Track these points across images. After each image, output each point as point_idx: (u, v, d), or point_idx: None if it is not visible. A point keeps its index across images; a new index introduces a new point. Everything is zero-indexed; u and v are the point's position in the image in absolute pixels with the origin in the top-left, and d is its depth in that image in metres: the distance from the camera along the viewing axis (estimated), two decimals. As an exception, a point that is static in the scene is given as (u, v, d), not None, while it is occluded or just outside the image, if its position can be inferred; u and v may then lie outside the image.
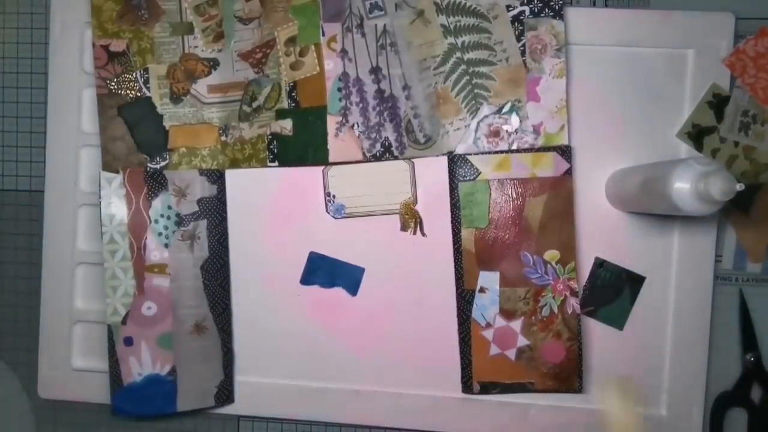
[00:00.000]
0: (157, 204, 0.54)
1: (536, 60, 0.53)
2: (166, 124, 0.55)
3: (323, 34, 0.54)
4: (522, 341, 0.53)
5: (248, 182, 0.55)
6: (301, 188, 0.55)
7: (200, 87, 0.55)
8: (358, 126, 0.54)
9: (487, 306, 0.53)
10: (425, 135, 0.54)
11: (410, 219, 0.54)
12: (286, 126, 0.54)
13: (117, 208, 0.54)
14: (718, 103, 0.53)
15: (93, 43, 0.55)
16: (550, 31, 0.52)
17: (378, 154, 0.54)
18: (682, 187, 0.42)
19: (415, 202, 0.54)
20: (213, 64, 0.55)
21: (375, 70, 0.53)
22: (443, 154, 0.53)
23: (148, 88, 0.55)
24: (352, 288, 0.55)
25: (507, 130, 0.53)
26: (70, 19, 0.56)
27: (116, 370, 0.54)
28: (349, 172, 0.54)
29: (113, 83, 0.55)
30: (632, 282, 0.54)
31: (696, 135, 0.53)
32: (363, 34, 0.53)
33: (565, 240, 0.53)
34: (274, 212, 0.55)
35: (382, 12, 0.53)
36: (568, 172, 0.53)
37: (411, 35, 0.53)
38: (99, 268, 0.55)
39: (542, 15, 0.52)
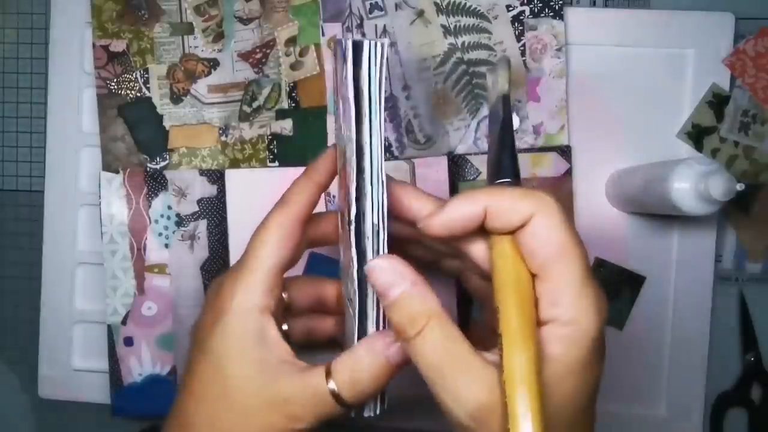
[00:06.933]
0: (157, 204, 0.54)
1: (536, 60, 0.53)
2: (166, 124, 0.55)
3: (323, 34, 0.54)
4: (522, 341, 0.53)
5: (248, 182, 0.55)
6: (301, 188, 0.55)
7: (200, 87, 0.55)
8: (358, 126, 0.54)
9: (487, 306, 0.53)
10: (425, 135, 0.54)
11: (410, 219, 0.54)
12: (286, 126, 0.54)
13: (117, 208, 0.54)
14: (718, 103, 0.53)
15: (93, 43, 0.55)
16: (550, 31, 0.52)
17: (378, 154, 0.54)
18: (682, 187, 0.42)
19: (415, 202, 0.54)
20: (213, 64, 0.55)
21: (375, 70, 0.53)
22: (443, 155, 0.53)
23: (148, 88, 0.55)
24: (352, 288, 0.55)
25: (507, 130, 0.53)
26: (70, 19, 0.56)
27: (116, 370, 0.54)
28: (349, 172, 0.54)
29: (113, 83, 0.55)
30: (632, 282, 0.53)
31: (696, 135, 0.53)
32: (363, 34, 0.53)
33: (565, 240, 0.52)
34: (274, 212, 0.55)
35: (382, 12, 0.53)
36: (568, 172, 0.53)
37: (411, 35, 0.53)
38: (99, 268, 0.55)
39: (542, 15, 0.52)
